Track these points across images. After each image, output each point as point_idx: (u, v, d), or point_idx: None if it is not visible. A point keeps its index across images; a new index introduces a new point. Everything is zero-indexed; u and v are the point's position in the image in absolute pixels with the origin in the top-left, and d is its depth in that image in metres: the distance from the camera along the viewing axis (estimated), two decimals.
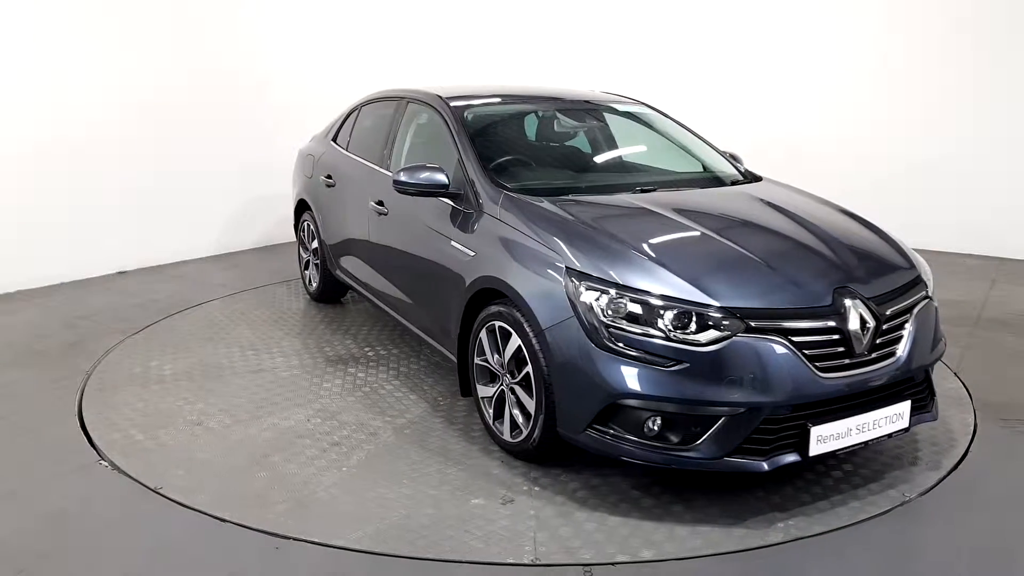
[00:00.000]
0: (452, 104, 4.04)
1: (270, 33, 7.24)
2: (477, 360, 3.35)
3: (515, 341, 3.05)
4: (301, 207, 5.53)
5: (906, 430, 2.96)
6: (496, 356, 3.21)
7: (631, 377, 2.67)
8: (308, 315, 5.20)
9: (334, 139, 5.20)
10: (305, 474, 3.11)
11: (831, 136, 7.34)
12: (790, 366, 2.67)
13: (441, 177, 3.54)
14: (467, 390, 3.51)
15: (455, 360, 3.54)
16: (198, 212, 6.85)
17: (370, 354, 4.44)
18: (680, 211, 3.35)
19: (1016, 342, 4.64)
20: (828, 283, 2.88)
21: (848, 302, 2.81)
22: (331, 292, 5.33)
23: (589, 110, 4.55)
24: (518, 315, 3.02)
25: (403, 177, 3.58)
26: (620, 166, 4.41)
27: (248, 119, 6.98)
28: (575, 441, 2.89)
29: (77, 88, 5.92)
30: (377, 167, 4.42)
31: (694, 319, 2.68)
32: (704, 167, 4.26)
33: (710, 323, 2.67)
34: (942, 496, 2.98)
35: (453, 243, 3.49)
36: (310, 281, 5.48)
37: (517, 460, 3.21)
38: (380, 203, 4.20)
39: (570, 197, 3.45)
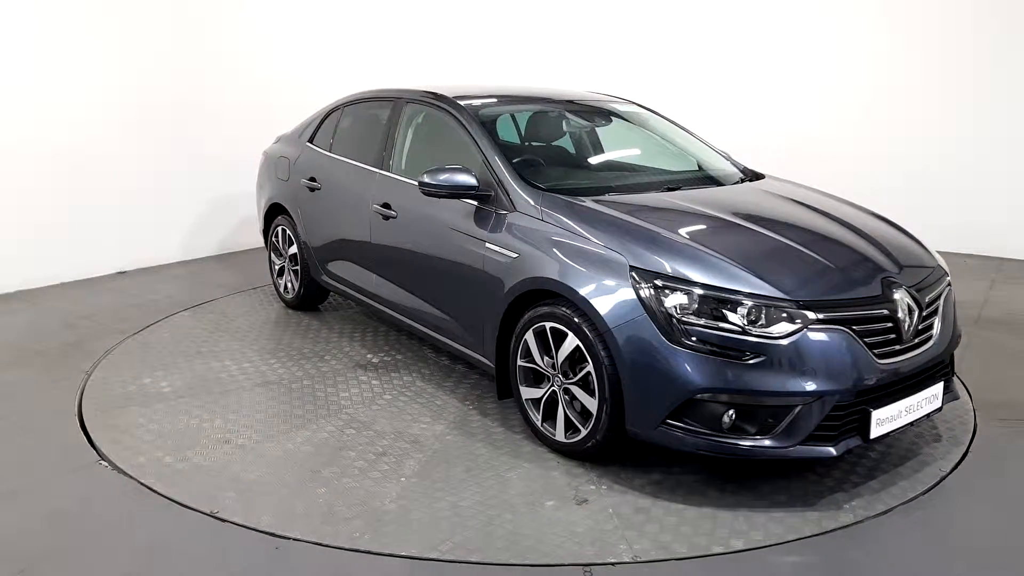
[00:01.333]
0: (464, 104, 3.98)
1: (273, 33, 7.22)
2: (520, 362, 3.31)
3: (571, 342, 3.04)
4: (274, 211, 5.28)
5: (939, 409, 3.14)
6: (545, 358, 3.20)
7: (710, 372, 2.72)
8: (291, 323, 5.00)
9: (310, 141, 5.01)
10: (364, 487, 3.01)
11: (831, 136, 7.37)
12: (854, 354, 2.79)
13: (470, 178, 3.49)
14: (504, 392, 3.48)
15: (489, 364, 3.52)
16: (197, 212, 6.84)
17: (375, 361, 4.33)
18: (720, 208, 3.43)
19: (1016, 342, 4.65)
20: (875, 274, 3.04)
21: (896, 291, 2.97)
22: (312, 299, 5.18)
23: (592, 111, 4.57)
24: (575, 316, 3.02)
25: (430, 179, 3.51)
26: (635, 166, 4.36)
27: (250, 119, 6.96)
28: (646, 438, 2.91)
29: (77, 88, 5.86)
30: (377, 170, 4.30)
31: (767, 312, 2.76)
32: (711, 166, 4.32)
33: (783, 316, 2.76)
34: (942, 495, 2.99)
35: (488, 245, 3.42)
36: (286, 288, 5.27)
37: (571, 460, 3.20)
38: (386, 206, 4.09)
39: (606, 197, 3.46)
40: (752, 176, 4.21)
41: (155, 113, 6.37)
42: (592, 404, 3.01)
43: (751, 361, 2.71)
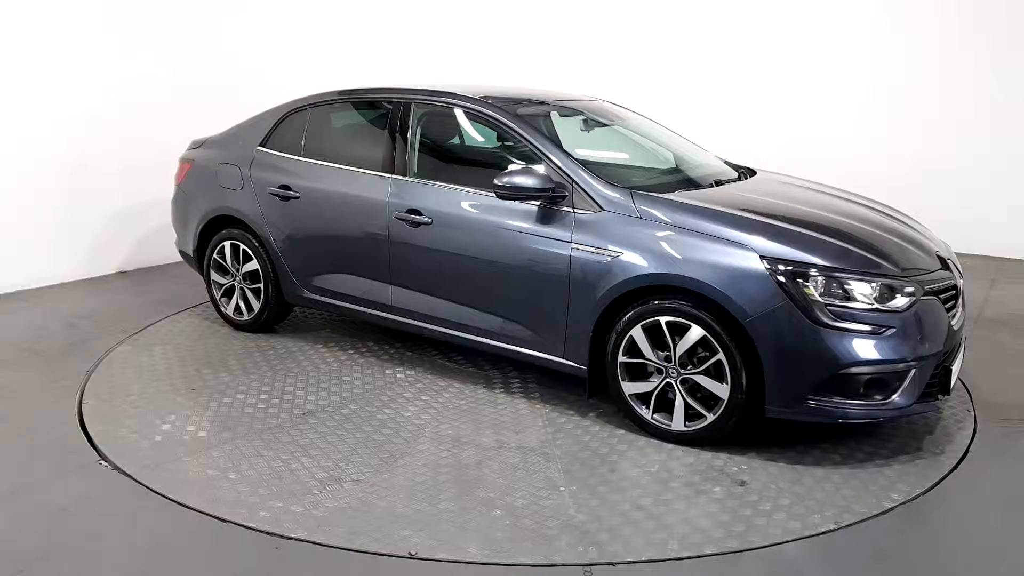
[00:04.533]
0: (498, 105, 3.90)
1: (280, 33, 7.22)
2: (622, 359, 3.38)
3: (695, 333, 3.17)
4: (215, 226, 4.76)
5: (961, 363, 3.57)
6: (656, 352, 3.31)
7: (856, 347, 3.00)
8: (263, 347, 4.55)
9: (263, 145, 4.60)
10: (534, 502, 2.94)
11: (831, 136, 7.37)
12: (943, 317, 3.20)
13: (547, 180, 3.47)
14: (593, 391, 3.57)
15: (574, 365, 3.54)
16: None
17: (401, 377, 4.12)
18: (783, 198, 3.72)
19: (1016, 342, 4.66)
20: (930, 249, 3.49)
21: (950, 263, 3.45)
22: (275, 319, 4.74)
23: (589, 113, 4.52)
24: (698, 307, 3.16)
25: (509, 181, 3.47)
26: (662, 165, 4.35)
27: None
28: (787, 416, 3.15)
29: (78, 88, 5.86)
30: (390, 175, 4.05)
31: (890, 288, 3.08)
32: (710, 163, 4.36)
33: (903, 290, 3.09)
34: (942, 496, 3.00)
35: (576, 246, 3.42)
36: (238, 310, 4.77)
37: (691, 447, 3.33)
38: (414, 212, 3.90)
39: (681, 192, 3.62)
40: (745, 171, 4.32)
41: (156, 113, 6.37)
42: (722, 391, 3.17)
43: (885, 333, 3.01)
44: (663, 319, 3.24)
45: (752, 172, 4.32)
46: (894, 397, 3.09)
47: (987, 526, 2.82)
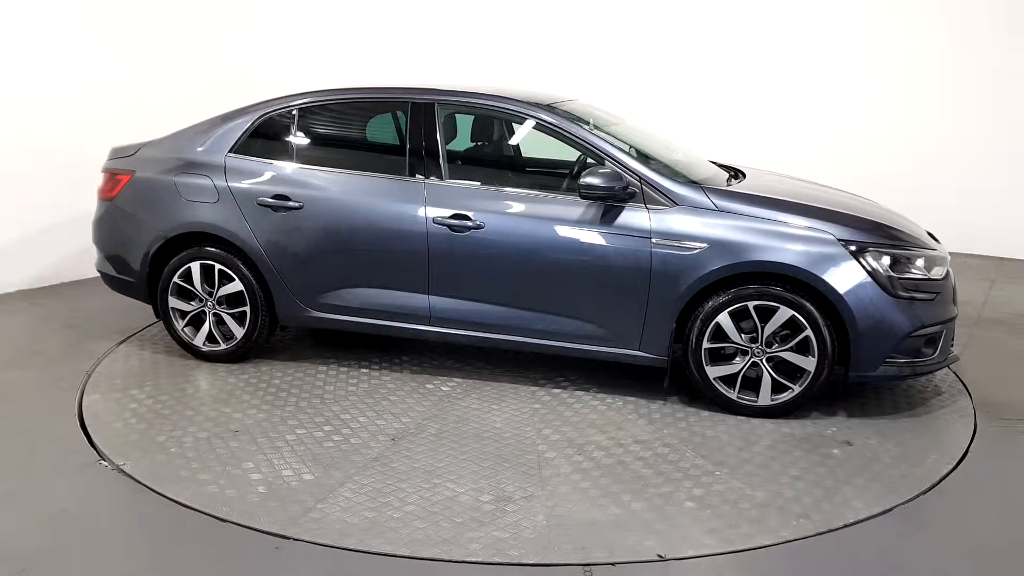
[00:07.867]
0: (544, 106, 3.88)
1: (279, 35, 7.21)
2: (707, 344, 3.58)
3: (784, 313, 3.47)
4: (176, 245, 4.19)
5: None
6: (741, 335, 3.56)
7: (921, 314, 3.48)
8: (263, 375, 4.12)
9: (234, 152, 4.16)
10: (707, 488, 3.02)
11: (831, 136, 7.36)
12: (952, 283, 3.74)
13: (620, 179, 3.56)
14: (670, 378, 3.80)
15: (654, 356, 3.67)
16: None
17: (446, 390, 3.94)
18: (810, 188, 4.15)
19: (1016, 342, 4.68)
20: (921, 228, 3.98)
21: (936, 236, 4.00)
22: (259, 345, 4.27)
23: (582, 114, 4.48)
24: (787, 290, 3.45)
25: (591, 182, 3.52)
26: (676, 163, 4.23)
27: None
28: (867, 379, 3.59)
29: (77, 87, 5.87)
30: (425, 179, 3.86)
31: (932, 261, 3.61)
32: (701, 162, 4.38)
33: (940, 262, 3.64)
34: (942, 496, 3.01)
35: (656, 240, 3.54)
36: (211, 338, 4.23)
37: (775, 419, 3.61)
38: (462, 217, 3.73)
39: (729, 185, 3.90)
40: (730, 169, 4.39)
41: (157, 113, 6.36)
42: (809, 363, 3.50)
43: (935, 299, 3.52)
44: (751, 303, 3.48)
45: (740, 171, 4.31)
46: (937, 352, 3.59)
47: (987, 526, 2.83)
